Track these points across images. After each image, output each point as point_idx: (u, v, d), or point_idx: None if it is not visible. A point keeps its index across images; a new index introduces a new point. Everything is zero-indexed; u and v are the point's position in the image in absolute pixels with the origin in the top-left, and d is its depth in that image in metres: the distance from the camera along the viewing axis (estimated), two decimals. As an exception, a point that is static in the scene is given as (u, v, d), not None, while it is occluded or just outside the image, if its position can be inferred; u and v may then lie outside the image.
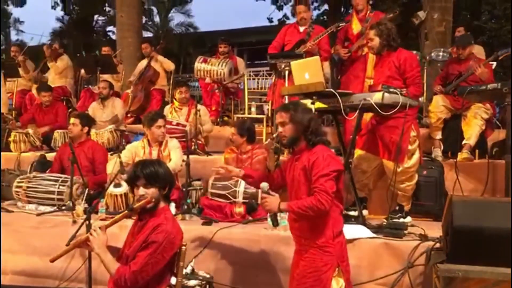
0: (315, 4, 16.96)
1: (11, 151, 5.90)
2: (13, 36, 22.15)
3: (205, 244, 3.89)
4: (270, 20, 17.53)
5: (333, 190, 2.61)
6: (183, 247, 2.72)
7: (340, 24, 5.38)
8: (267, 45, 5.78)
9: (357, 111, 3.81)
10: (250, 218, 4.29)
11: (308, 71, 3.85)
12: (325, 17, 16.55)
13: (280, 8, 17.24)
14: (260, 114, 6.89)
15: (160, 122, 4.71)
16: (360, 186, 4.31)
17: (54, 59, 7.63)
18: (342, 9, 15.84)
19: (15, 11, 22.68)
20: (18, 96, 7.68)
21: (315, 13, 16.58)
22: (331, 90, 3.72)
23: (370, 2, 5.42)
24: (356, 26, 5.33)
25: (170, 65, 7.66)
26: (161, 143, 4.77)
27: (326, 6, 16.86)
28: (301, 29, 5.53)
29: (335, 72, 5.98)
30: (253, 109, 6.87)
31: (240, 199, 4.36)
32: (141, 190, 2.68)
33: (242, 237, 3.93)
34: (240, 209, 4.34)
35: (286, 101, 4.93)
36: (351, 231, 3.69)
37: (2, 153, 5.75)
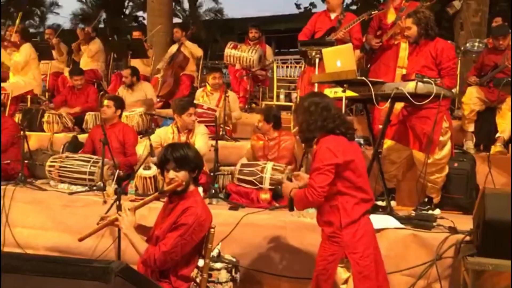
0: (345, -7, 16.73)
1: (44, 131, 6.05)
2: (50, 20, 22.52)
3: (231, 228, 3.93)
4: (298, 6, 17.36)
5: (324, 184, 2.58)
6: (212, 230, 2.75)
7: (373, 12, 5.27)
8: (295, 33, 5.73)
9: (389, 100, 3.76)
10: (277, 204, 4.30)
11: (340, 59, 3.81)
12: (357, 5, 16.29)
13: (308, -6, 17.09)
14: (288, 101, 6.87)
15: (191, 110, 4.74)
16: (389, 176, 4.27)
17: (87, 43, 7.76)
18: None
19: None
20: (51, 78, 7.85)
21: (347, 0, 16.34)
22: (363, 78, 3.67)
23: None
24: (391, 15, 5.21)
25: (198, 51, 7.69)
26: (190, 130, 4.81)
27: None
28: (332, 16, 5.45)
29: (364, 61, 5.90)
30: (281, 96, 6.87)
31: (266, 185, 4.37)
32: (171, 173, 2.71)
33: (268, 222, 3.95)
34: (266, 195, 4.36)
35: (316, 89, 4.91)
36: (379, 221, 3.66)
37: (36, 133, 5.90)
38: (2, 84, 6.34)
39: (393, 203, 4.29)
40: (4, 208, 4.43)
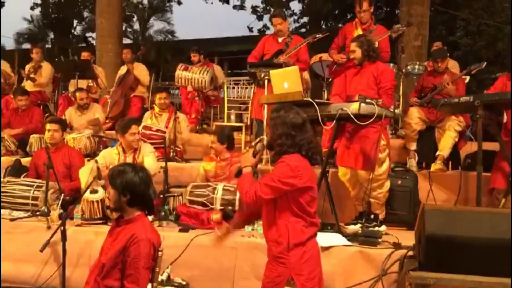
0: (295, 17, 17.22)
1: (-15, 155, 5.79)
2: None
3: (181, 251, 3.89)
4: (250, 29, 17.70)
5: (266, 196, 2.56)
6: (160, 253, 2.72)
7: (317, 36, 5.46)
8: (247, 55, 5.82)
9: (334, 120, 3.89)
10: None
11: (287, 80, 3.92)
12: (305, 28, 16.78)
13: (260, 18, 17.42)
14: (239, 122, 6.93)
15: (133, 128, 4.70)
16: (358, 201, 4.43)
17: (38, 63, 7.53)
18: (322, 22, 16.14)
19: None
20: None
21: (294, 25, 16.82)
22: (309, 99, 3.79)
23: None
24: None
25: (145, 79, 7.49)
26: (135, 149, 4.76)
27: (305, 19, 17.12)
28: (280, 39, 5.60)
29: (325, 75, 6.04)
30: (232, 117, 6.91)
31: (217, 206, 4.37)
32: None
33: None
34: (217, 216, 4.33)
35: (265, 110, 5.00)
36: (326, 238, 3.75)
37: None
38: None
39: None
40: None
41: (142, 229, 2.66)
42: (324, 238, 3.69)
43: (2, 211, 4.53)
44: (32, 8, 20.25)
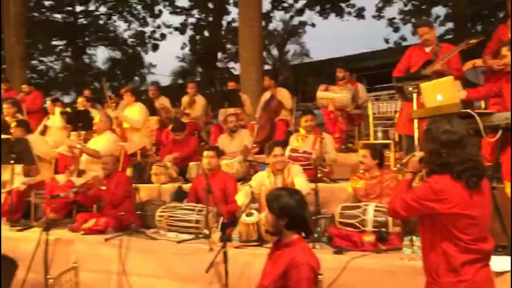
0: (438, 21, 16.24)
1: (152, 183, 6.44)
2: (149, 79, 24.50)
3: (337, 274, 3.82)
4: (387, 41, 17.17)
5: (401, 212, 2.44)
6: (320, 276, 2.71)
7: (470, 41, 5.03)
8: (386, 69, 5.64)
9: (500, 131, 3.52)
10: (383, 247, 4.14)
11: (441, 92, 3.67)
12: (451, 33, 15.72)
13: (396, 30, 16.84)
14: (386, 139, 6.69)
15: (276, 150, 4.84)
16: None
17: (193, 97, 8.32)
18: (469, 24, 14.93)
19: (149, 57, 25.07)
20: (156, 133, 8.40)
21: (441, 29, 15.83)
22: (468, 110, 3.49)
23: None
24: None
25: (288, 103, 7.73)
26: (283, 170, 4.86)
27: (450, 24, 16.04)
28: (427, 49, 5.30)
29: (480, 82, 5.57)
30: (379, 134, 6.71)
31: (369, 228, 4.24)
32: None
33: (376, 267, 3.79)
34: (369, 238, 4.20)
35: (415, 125, 4.74)
36: (497, 262, 3.36)
37: (146, 185, 6.30)
38: (122, 143, 6.87)
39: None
40: (121, 258, 4.74)
41: (301, 252, 2.69)
42: (495, 262, 3.31)
43: (171, 234, 4.97)
44: (182, 48, 22.43)
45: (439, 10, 21.43)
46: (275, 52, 21.97)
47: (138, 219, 5.32)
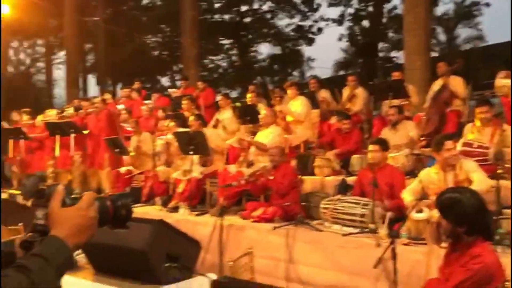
0: None
1: (315, 175, 6.55)
2: (308, 73, 24.93)
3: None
4: None
5: None
6: (507, 283, 2.46)
7: None
8: None
9: None
10: None
11: None
12: None
13: None
14: None
15: (447, 144, 4.47)
16: None
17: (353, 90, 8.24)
18: None
19: (307, 50, 25.49)
20: (319, 125, 8.49)
21: None
22: None
23: None
24: None
25: (462, 92, 7.14)
26: (454, 166, 4.49)
27: None
28: None
29: None
30: None
31: None
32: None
33: None
34: None
35: None
36: None
37: (309, 177, 6.44)
38: (286, 136, 7.14)
39: None
40: (288, 246, 4.93)
41: (485, 251, 2.47)
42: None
43: (336, 226, 5.00)
44: (339, 39, 22.30)
45: None
46: (442, 37, 20.46)
47: (302, 210, 5.45)
